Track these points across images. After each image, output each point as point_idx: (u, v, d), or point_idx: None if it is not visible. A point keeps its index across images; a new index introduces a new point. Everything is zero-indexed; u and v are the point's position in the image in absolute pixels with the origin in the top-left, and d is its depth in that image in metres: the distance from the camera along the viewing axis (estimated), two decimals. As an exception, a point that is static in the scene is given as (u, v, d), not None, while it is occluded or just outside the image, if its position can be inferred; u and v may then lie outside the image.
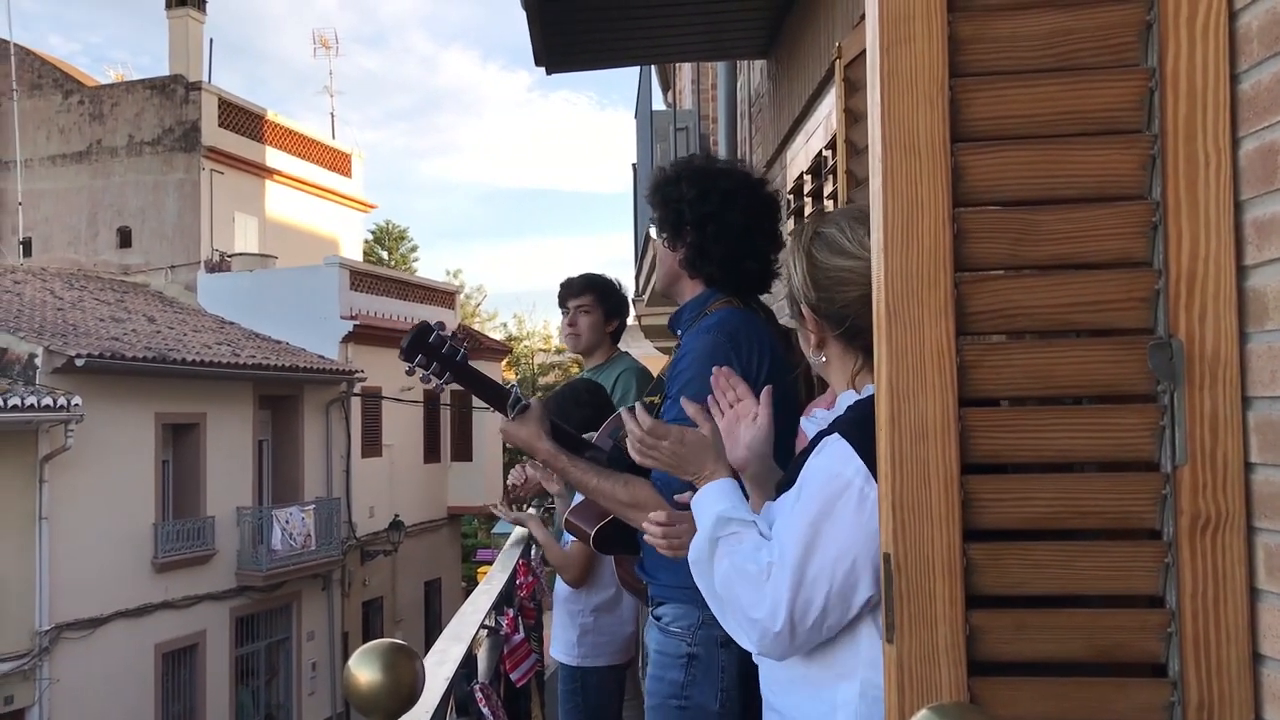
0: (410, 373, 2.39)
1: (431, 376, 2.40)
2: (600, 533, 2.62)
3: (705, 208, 2.42)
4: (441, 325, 2.43)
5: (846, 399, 1.69)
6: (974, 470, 1.33)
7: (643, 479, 2.33)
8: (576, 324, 3.83)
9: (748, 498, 1.77)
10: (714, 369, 1.93)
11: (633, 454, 1.89)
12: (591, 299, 3.81)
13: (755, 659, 1.76)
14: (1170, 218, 1.29)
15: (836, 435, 1.53)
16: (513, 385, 2.56)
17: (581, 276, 3.89)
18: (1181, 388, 1.28)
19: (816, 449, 1.59)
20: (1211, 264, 1.27)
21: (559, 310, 3.94)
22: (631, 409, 1.91)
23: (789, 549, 1.52)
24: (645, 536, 1.98)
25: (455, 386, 2.47)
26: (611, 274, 3.96)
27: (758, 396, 1.86)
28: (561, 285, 3.91)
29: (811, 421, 2.10)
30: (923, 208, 1.33)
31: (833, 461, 1.51)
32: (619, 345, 3.99)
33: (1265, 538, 1.23)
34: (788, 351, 2.44)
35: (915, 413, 1.33)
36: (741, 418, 1.85)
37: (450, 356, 2.40)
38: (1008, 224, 1.34)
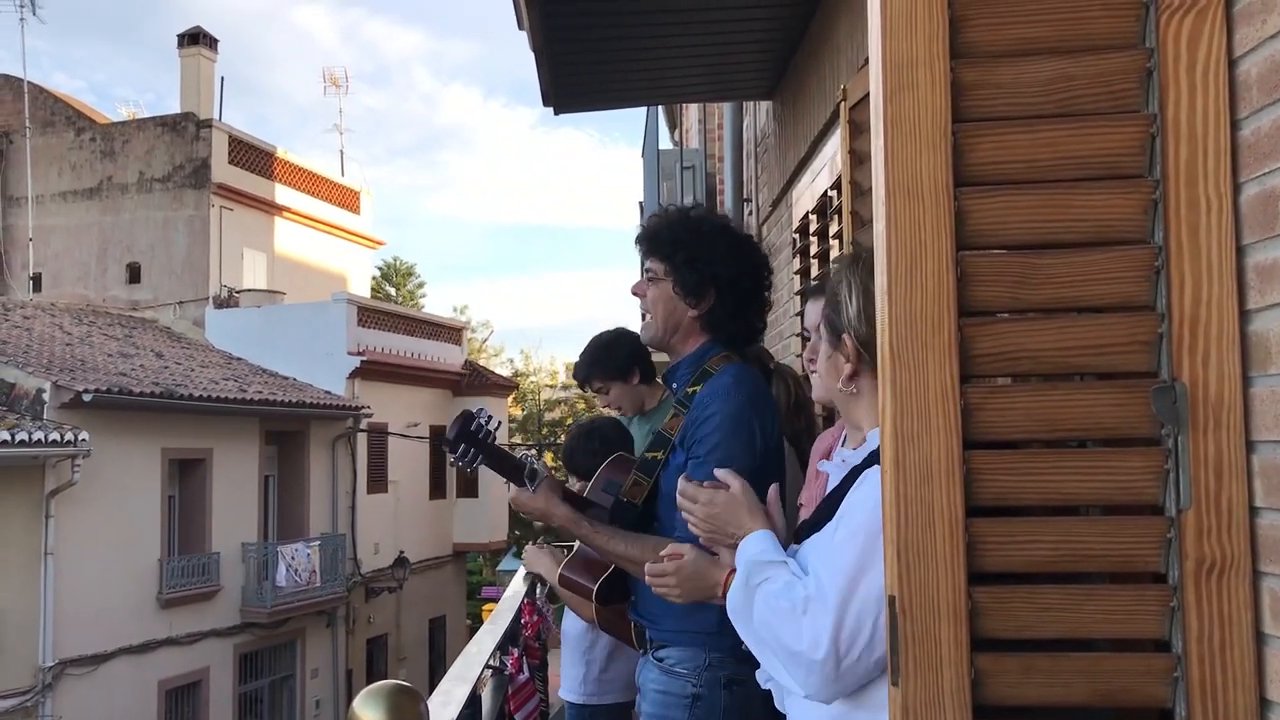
0: (453, 464, 2.34)
1: (461, 461, 2.35)
2: (602, 587, 2.58)
3: (737, 269, 2.41)
4: (482, 412, 2.39)
5: (876, 436, 1.68)
6: (979, 513, 1.33)
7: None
8: (610, 404, 3.74)
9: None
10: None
11: (690, 528, 1.90)
12: (599, 381, 3.69)
13: (780, 704, 1.73)
14: (1172, 262, 1.29)
15: (878, 467, 1.51)
16: (527, 457, 2.50)
17: (579, 362, 3.76)
18: (1185, 431, 1.27)
19: (857, 482, 1.61)
20: (1214, 308, 1.28)
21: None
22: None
23: (830, 580, 1.53)
24: (652, 588, 1.99)
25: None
26: (607, 327, 3.83)
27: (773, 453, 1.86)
28: None
29: (834, 466, 2.07)
30: (926, 251, 1.34)
31: (877, 491, 1.49)
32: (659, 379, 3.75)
33: (1271, 582, 1.22)
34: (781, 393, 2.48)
35: (920, 455, 1.33)
36: None
37: (484, 440, 2.36)
38: (1011, 268, 1.35)
